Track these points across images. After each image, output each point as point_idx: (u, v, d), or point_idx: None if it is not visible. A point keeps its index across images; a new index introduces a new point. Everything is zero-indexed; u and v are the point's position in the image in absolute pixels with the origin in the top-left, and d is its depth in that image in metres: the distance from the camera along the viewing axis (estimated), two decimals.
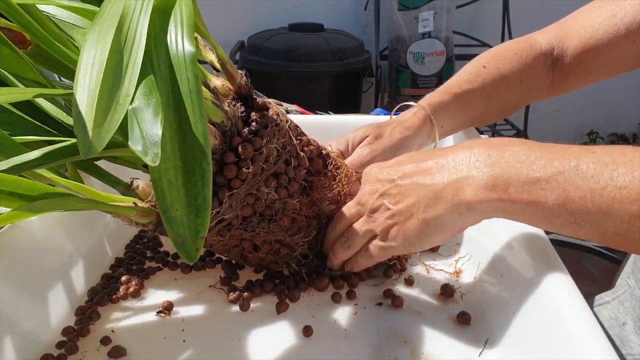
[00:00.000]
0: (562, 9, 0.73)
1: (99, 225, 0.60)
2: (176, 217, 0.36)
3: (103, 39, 0.33)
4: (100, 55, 0.32)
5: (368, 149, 0.58)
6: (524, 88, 0.63)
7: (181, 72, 0.37)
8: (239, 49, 1.86)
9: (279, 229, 0.50)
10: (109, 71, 0.32)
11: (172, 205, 0.36)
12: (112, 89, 0.32)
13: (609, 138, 2.22)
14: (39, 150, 0.36)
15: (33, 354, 0.44)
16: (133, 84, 0.33)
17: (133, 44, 0.34)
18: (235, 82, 0.46)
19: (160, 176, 0.36)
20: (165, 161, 0.36)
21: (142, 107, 0.33)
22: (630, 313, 0.57)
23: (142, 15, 0.36)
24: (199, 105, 0.36)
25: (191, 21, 0.38)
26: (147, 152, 0.32)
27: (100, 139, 0.30)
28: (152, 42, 0.37)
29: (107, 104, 0.31)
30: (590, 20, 0.59)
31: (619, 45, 0.57)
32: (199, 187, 0.36)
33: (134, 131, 0.32)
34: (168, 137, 0.36)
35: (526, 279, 0.44)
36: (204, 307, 0.52)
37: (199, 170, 0.36)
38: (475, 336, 0.47)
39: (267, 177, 0.47)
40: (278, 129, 0.47)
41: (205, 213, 0.36)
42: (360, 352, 0.45)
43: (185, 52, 0.37)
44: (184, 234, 0.36)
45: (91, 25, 0.35)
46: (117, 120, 0.31)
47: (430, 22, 1.82)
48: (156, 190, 0.36)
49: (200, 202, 0.36)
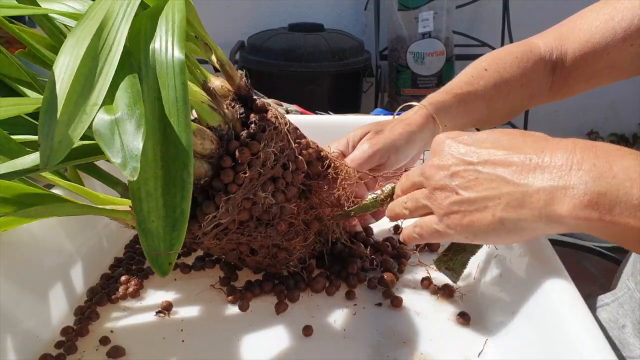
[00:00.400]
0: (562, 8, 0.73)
1: (98, 226, 0.60)
2: (152, 228, 0.35)
3: (80, 45, 0.32)
4: (73, 62, 0.31)
5: (368, 144, 0.57)
6: (525, 92, 0.63)
7: (168, 79, 0.35)
8: (239, 49, 1.86)
9: (276, 234, 0.50)
10: (80, 78, 0.31)
11: (149, 217, 0.35)
12: (80, 98, 0.31)
13: (609, 138, 2.22)
14: (35, 154, 0.35)
15: (32, 354, 0.44)
16: (103, 93, 0.32)
17: (110, 51, 0.33)
18: (234, 83, 0.46)
19: (139, 186, 0.35)
20: (146, 170, 0.35)
21: (125, 118, 0.32)
22: (629, 315, 0.57)
23: (124, 22, 0.35)
24: (185, 115, 0.35)
25: (183, 26, 0.36)
26: (127, 166, 0.31)
27: (61, 150, 0.29)
28: (142, 47, 0.36)
29: (73, 112, 0.30)
30: (588, 23, 0.58)
31: (616, 49, 0.56)
32: (178, 199, 0.35)
33: (114, 142, 0.31)
34: (150, 146, 0.35)
35: (526, 279, 0.44)
36: (203, 307, 0.52)
37: (179, 181, 0.35)
38: (474, 336, 0.47)
39: (265, 182, 0.47)
40: (276, 133, 0.46)
41: (181, 226, 0.35)
42: (360, 352, 0.45)
43: (175, 59, 0.36)
44: (157, 247, 0.35)
45: (72, 29, 0.34)
46: (81, 130, 0.30)
47: (430, 22, 1.82)
48: (134, 200, 0.35)
49: (178, 214, 0.35)
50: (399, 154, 0.57)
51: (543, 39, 0.64)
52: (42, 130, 0.29)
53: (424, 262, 0.58)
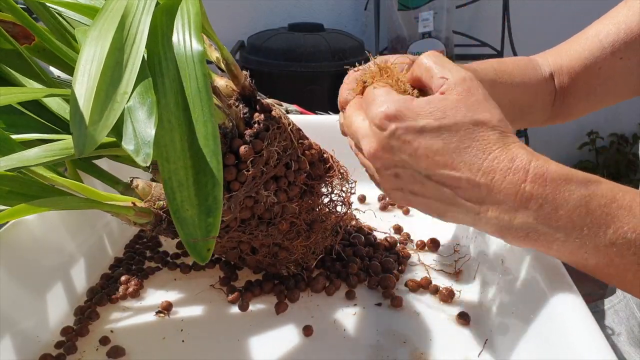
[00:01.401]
0: (562, 9, 0.73)
1: (98, 225, 0.60)
2: (187, 217, 0.36)
3: (104, 37, 0.33)
4: (99, 53, 0.32)
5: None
6: (527, 88, 0.62)
7: (189, 71, 0.36)
8: (239, 49, 1.86)
9: (277, 233, 0.50)
10: (108, 69, 0.32)
11: (183, 206, 0.36)
12: (110, 87, 0.32)
13: (609, 138, 2.22)
14: (38, 147, 0.36)
15: (32, 354, 0.44)
16: (132, 82, 0.33)
17: (134, 43, 0.34)
18: (239, 83, 0.46)
19: (170, 176, 0.36)
20: (176, 161, 0.36)
21: (137, 106, 0.33)
22: (624, 323, 0.57)
23: (145, 14, 0.36)
24: (208, 104, 0.36)
25: (198, 19, 0.38)
26: (139, 152, 0.31)
27: (95, 137, 0.30)
28: (160, 42, 0.37)
29: (104, 102, 0.31)
30: (578, 42, 0.60)
31: (606, 63, 0.57)
32: (209, 187, 0.36)
33: (127, 130, 0.32)
34: (177, 137, 0.36)
35: (525, 279, 0.44)
36: (203, 307, 0.52)
37: (209, 170, 0.36)
38: (474, 337, 0.47)
39: (267, 180, 0.47)
40: (279, 132, 0.46)
41: (216, 213, 0.36)
42: (360, 353, 0.45)
43: (194, 51, 0.37)
44: (195, 234, 0.36)
45: (93, 22, 0.35)
46: (114, 118, 0.31)
47: (430, 22, 1.82)
48: (166, 190, 0.36)
49: (211, 202, 0.36)
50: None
51: (542, 57, 0.65)
52: (74, 119, 0.30)
53: (424, 262, 0.58)
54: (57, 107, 0.47)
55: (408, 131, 0.37)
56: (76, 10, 0.44)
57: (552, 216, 0.34)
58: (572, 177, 0.35)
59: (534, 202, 0.34)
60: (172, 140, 0.35)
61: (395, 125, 0.37)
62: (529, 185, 0.35)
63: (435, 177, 0.37)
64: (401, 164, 0.38)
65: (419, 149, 0.36)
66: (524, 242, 0.36)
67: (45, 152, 0.36)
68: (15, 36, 0.44)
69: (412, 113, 0.37)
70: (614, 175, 2.13)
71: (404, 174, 0.38)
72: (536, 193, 0.34)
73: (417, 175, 0.38)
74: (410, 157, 0.37)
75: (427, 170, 0.37)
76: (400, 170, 0.38)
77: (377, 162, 0.39)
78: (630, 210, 0.34)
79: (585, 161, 2.19)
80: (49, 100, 0.47)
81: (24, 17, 0.40)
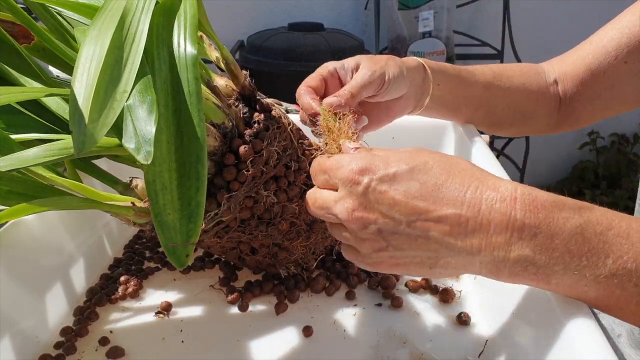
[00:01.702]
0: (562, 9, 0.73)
1: (98, 226, 0.60)
2: (168, 221, 0.36)
3: (103, 35, 0.33)
4: (99, 52, 0.32)
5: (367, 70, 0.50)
6: (528, 93, 0.62)
7: (182, 74, 0.36)
8: (239, 49, 1.86)
9: (277, 233, 0.50)
10: (107, 67, 0.32)
11: (165, 209, 0.36)
12: (109, 86, 0.32)
13: (609, 138, 2.22)
14: (38, 147, 0.36)
15: (31, 354, 0.44)
16: (131, 80, 0.32)
17: (133, 42, 0.34)
18: (239, 83, 0.46)
19: (154, 178, 0.36)
20: (160, 163, 0.35)
21: (137, 104, 0.33)
22: (625, 325, 0.57)
23: (144, 13, 0.36)
24: (198, 108, 0.35)
25: (195, 22, 0.37)
26: (140, 150, 0.31)
27: (95, 135, 0.29)
28: (154, 42, 0.37)
29: (104, 100, 0.31)
30: (582, 49, 0.61)
31: (611, 67, 0.58)
32: (192, 192, 0.35)
33: (127, 128, 0.32)
34: (165, 139, 0.35)
35: None
36: (203, 307, 0.52)
37: (194, 174, 0.35)
38: (475, 337, 0.47)
39: (267, 180, 0.47)
40: (279, 132, 0.46)
41: (197, 218, 0.35)
42: (360, 353, 0.45)
43: (187, 53, 0.36)
44: (175, 239, 0.36)
45: (92, 21, 0.35)
46: (113, 116, 0.31)
47: (430, 21, 1.81)
48: (149, 192, 0.36)
49: (193, 206, 0.35)
50: (391, 83, 0.52)
51: (547, 65, 0.65)
52: (73, 117, 0.30)
53: None
54: (56, 107, 0.47)
55: (382, 181, 0.36)
56: (75, 10, 0.44)
57: (548, 246, 0.33)
58: (564, 204, 0.33)
59: (528, 232, 0.33)
60: (158, 141, 0.35)
61: (369, 177, 0.36)
62: (519, 213, 0.33)
63: (419, 222, 0.35)
64: (382, 218, 0.36)
65: (396, 197, 0.35)
66: (520, 278, 0.35)
67: (44, 152, 0.36)
68: (15, 36, 0.43)
69: (381, 163, 0.36)
70: (614, 175, 2.12)
71: (386, 227, 0.36)
72: (528, 221, 0.33)
73: (399, 226, 0.36)
74: (390, 207, 0.35)
75: (409, 217, 0.35)
76: (382, 225, 0.36)
77: (356, 222, 0.37)
78: (628, 238, 0.33)
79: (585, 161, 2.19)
80: (48, 100, 0.47)
81: (24, 17, 0.40)
